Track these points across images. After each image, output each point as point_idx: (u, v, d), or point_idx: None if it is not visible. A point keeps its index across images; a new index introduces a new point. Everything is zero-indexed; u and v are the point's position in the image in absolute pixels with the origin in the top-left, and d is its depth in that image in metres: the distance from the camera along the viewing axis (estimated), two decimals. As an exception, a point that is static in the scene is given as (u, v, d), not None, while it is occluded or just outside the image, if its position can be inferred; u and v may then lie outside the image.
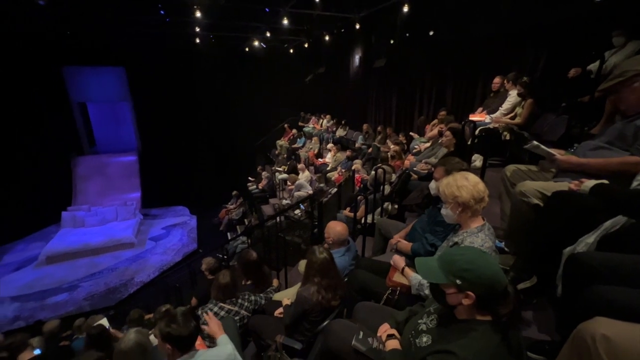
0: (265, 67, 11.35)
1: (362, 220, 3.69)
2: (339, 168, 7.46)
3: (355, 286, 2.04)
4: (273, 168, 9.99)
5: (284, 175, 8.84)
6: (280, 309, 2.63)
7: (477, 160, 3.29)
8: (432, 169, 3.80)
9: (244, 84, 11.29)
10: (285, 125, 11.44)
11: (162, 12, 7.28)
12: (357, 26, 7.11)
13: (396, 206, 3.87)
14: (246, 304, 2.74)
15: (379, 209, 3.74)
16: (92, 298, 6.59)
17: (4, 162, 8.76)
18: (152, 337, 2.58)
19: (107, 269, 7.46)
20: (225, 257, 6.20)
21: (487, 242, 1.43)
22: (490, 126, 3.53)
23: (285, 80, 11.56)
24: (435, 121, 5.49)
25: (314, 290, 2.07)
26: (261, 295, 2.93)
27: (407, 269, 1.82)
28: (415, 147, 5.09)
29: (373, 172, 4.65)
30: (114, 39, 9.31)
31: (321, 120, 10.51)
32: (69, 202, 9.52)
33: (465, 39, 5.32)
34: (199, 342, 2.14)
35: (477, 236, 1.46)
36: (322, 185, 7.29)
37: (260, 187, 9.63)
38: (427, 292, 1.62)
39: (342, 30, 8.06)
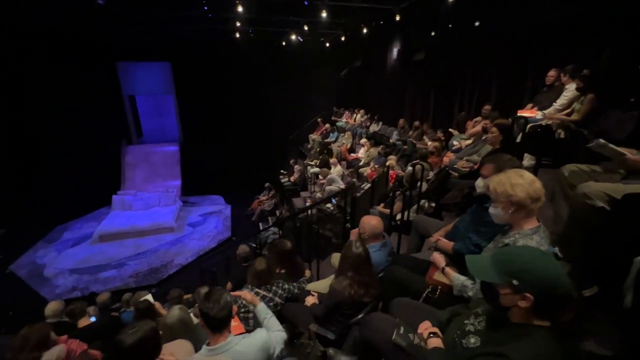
0: (301, 61, 11.42)
1: (397, 217, 3.63)
2: (371, 163, 7.35)
3: (391, 282, 2.01)
4: (305, 162, 10.09)
5: (316, 169, 8.90)
6: (311, 299, 2.68)
7: (526, 159, 3.07)
8: (474, 167, 3.64)
9: (280, 78, 11.46)
10: (319, 120, 11.48)
11: (205, 7, 7.57)
12: (397, 18, 6.90)
13: (433, 204, 3.74)
14: (280, 291, 2.81)
15: (415, 207, 3.64)
16: (136, 276, 7.14)
17: (65, 150, 9.73)
18: (191, 315, 2.77)
19: (150, 250, 8.04)
20: (257, 246, 6.41)
21: (543, 245, 1.34)
22: (543, 123, 3.27)
23: (319, 74, 11.58)
24: (478, 117, 5.22)
25: (346, 284, 2.08)
26: (294, 284, 2.99)
27: (448, 269, 1.76)
28: (455, 144, 4.87)
29: (410, 169, 4.54)
30: (162, 35, 9.86)
31: (355, 115, 10.40)
32: (118, 187, 10.35)
33: (515, 29, 4.95)
34: (235, 323, 2.25)
35: (532, 238, 1.37)
36: (354, 180, 7.24)
37: (292, 180, 9.78)
38: (470, 293, 1.56)
39: (381, 23, 7.86)
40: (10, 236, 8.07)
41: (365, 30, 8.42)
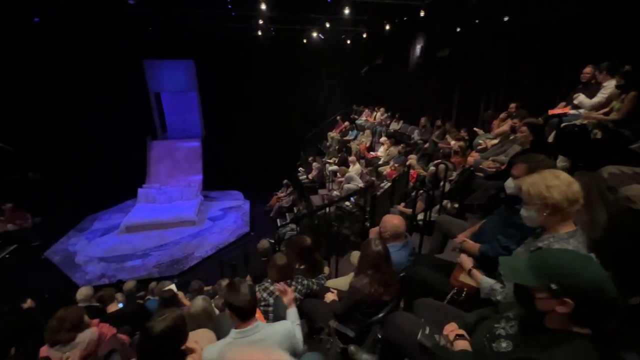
0: (321, 59, 11.41)
1: (419, 217, 3.57)
2: (391, 162, 7.25)
3: (414, 282, 1.99)
4: (323, 159, 10.10)
5: (334, 167, 8.88)
6: (331, 296, 2.69)
7: (559, 161, 2.93)
8: (501, 167, 3.51)
9: (300, 75, 11.51)
10: (338, 117, 11.44)
11: (229, 6, 7.70)
12: (422, 13, 6.74)
13: (456, 205, 3.65)
14: (299, 287, 2.83)
15: (437, 207, 3.56)
16: (160, 266, 7.42)
17: (95, 144, 10.23)
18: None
19: (172, 242, 8.33)
20: (275, 242, 6.49)
21: (580, 250, 1.28)
22: (577, 122, 3.10)
23: (340, 72, 11.52)
24: (503, 115, 5.03)
25: (366, 282, 2.06)
26: (313, 280, 3.00)
27: (475, 271, 1.71)
28: (480, 143, 4.71)
29: (433, 168, 4.44)
30: (187, 34, 10.13)
31: (375, 113, 10.29)
32: (143, 181, 10.78)
33: (548, 23, 4.72)
34: (257, 315, 2.30)
35: (568, 242, 1.31)
36: (373, 178, 7.17)
37: (310, 178, 9.82)
38: (499, 297, 1.51)
39: (405, 19, 7.71)
40: (45, 224, 8.59)
41: (387, 27, 8.28)
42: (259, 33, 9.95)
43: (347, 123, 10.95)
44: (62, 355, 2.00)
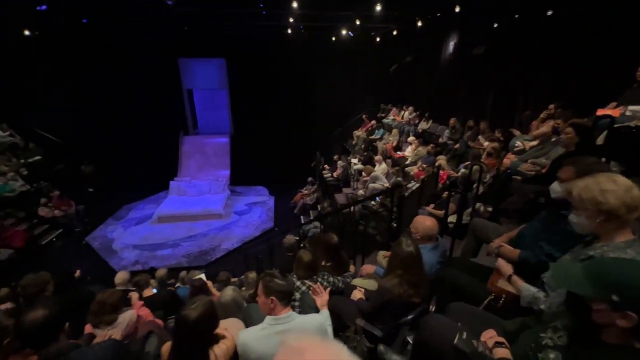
0: (349, 56, 11.32)
1: (449, 220, 3.46)
2: (419, 162, 7.09)
3: (447, 285, 1.93)
4: (349, 158, 10.05)
5: (360, 166, 8.82)
6: (358, 294, 2.68)
7: (611, 165, 2.71)
8: (542, 170, 3.32)
9: (327, 73, 11.50)
10: (364, 116, 11.32)
11: (261, 5, 7.83)
12: (457, 9, 6.49)
13: (490, 209, 3.49)
14: (325, 283, 2.84)
15: (469, 210, 3.43)
16: (188, 256, 7.74)
17: (132, 139, 10.85)
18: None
19: (200, 233, 8.66)
20: (299, 238, 6.56)
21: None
22: (631, 124, 2.86)
23: (367, 69, 11.38)
24: (543, 115, 4.74)
25: (395, 282, 2.04)
26: (339, 278, 3.00)
27: (515, 277, 1.63)
28: (518, 144, 4.47)
29: (464, 170, 4.29)
30: (219, 33, 10.44)
31: (403, 112, 10.08)
32: (175, 174, 11.28)
33: (597, 17, 4.38)
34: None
35: (625, 252, 1.21)
36: (399, 179, 7.04)
37: (334, 176, 9.82)
38: (542, 306, 1.43)
39: (438, 15, 7.47)
40: (87, 211, 9.24)
41: (419, 24, 8.06)
42: (289, 31, 10.04)
43: (373, 122, 10.81)
44: (106, 333, 2.15)
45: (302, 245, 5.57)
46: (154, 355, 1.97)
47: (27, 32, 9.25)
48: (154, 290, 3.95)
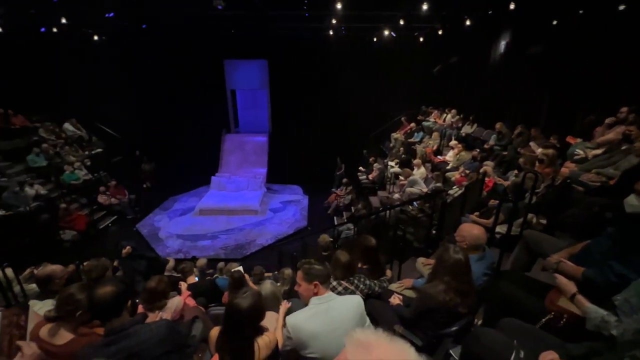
0: (390, 57, 11.11)
1: (496, 230, 3.25)
2: (461, 168, 6.76)
3: (498, 298, 1.81)
4: (385, 160, 9.86)
5: (397, 169, 8.61)
6: (396, 300, 2.61)
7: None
8: (609, 181, 3.00)
9: (367, 74, 11.38)
10: (403, 118, 11.04)
11: (305, 7, 7.97)
12: (512, 6, 6.09)
13: (543, 220, 3.22)
14: (361, 286, 2.81)
15: (520, 220, 3.19)
16: (226, 249, 8.10)
17: (179, 135, 11.60)
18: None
19: (237, 228, 9.01)
20: (333, 239, 6.56)
21: None
22: None
23: (409, 71, 11.07)
24: (610, 120, 4.30)
25: (441, 289, 1.95)
26: (375, 282, 2.96)
27: (579, 297, 1.49)
28: (578, 152, 4.09)
29: (516, 178, 4.01)
30: (263, 35, 10.80)
31: (445, 115, 9.68)
32: (216, 170, 11.86)
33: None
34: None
35: None
36: (439, 184, 6.77)
37: (370, 178, 9.69)
38: (614, 332, 1.29)
39: (489, 13, 7.07)
40: (138, 201, 10.05)
41: (468, 22, 7.68)
42: (330, 33, 10.10)
43: (412, 124, 10.51)
44: (157, 314, 2.31)
45: (336, 246, 5.56)
46: (199, 339, 2.09)
47: (95, 37, 10.32)
48: (196, 279, 4.18)
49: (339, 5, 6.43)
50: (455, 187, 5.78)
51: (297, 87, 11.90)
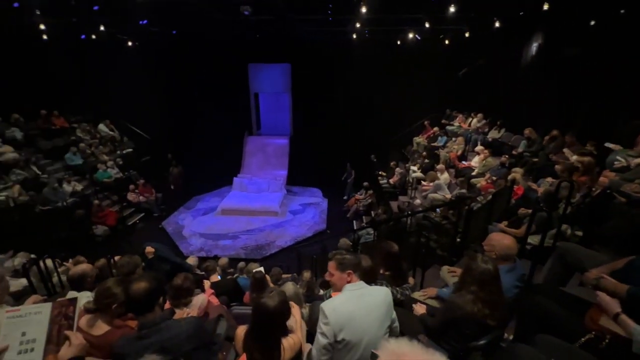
0: (414, 60, 10.95)
1: (529, 241, 3.11)
2: (487, 174, 6.53)
3: (532, 313, 1.73)
4: (407, 165, 9.70)
5: (419, 174, 8.45)
6: (420, 309, 2.55)
7: None
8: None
9: (390, 77, 11.27)
10: (426, 122, 10.83)
11: (329, 11, 8.02)
12: (545, 7, 5.84)
13: (579, 232, 3.05)
14: (383, 292, 2.76)
15: (554, 231, 3.03)
16: (246, 249, 8.24)
17: (204, 137, 11.96)
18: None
19: (257, 228, 9.15)
20: (352, 243, 6.52)
21: None
22: None
23: (433, 74, 10.85)
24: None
25: (469, 299, 1.88)
26: (397, 289, 2.91)
27: (624, 317, 1.39)
28: (619, 160, 3.83)
29: (549, 186, 3.82)
30: (287, 39, 10.97)
31: (470, 119, 9.40)
32: (238, 171, 12.13)
33: None
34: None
35: None
36: (463, 190, 6.57)
37: (391, 183, 9.56)
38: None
39: (521, 14, 6.81)
40: (164, 199, 10.45)
41: (497, 24, 7.43)
42: (354, 36, 10.10)
43: (436, 128, 10.28)
44: (183, 311, 2.39)
45: (355, 250, 5.52)
46: (223, 337, 2.14)
47: (129, 43, 10.89)
48: (219, 277, 4.28)
49: (363, 9, 6.42)
50: (482, 194, 5.58)
51: (318, 90, 11.98)
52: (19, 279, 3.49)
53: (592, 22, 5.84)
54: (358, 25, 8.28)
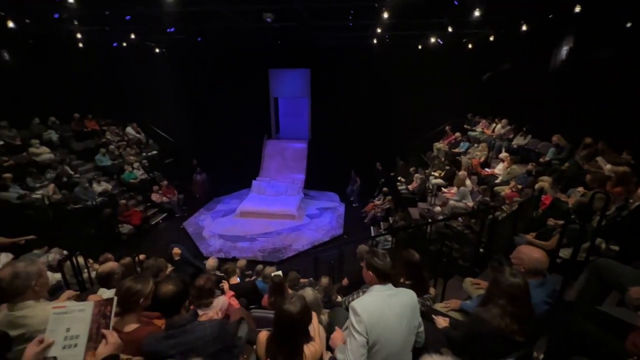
0: (435, 64, 10.76)
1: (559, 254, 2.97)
2: (512, 182, 6.30)
3: (565, 332, 1.64)
4: (427, 171, 9.52)
5: (439, 181, 8.27)
6: (442, 322, 2.48)
7: None
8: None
9: (410, 82, 11.13)
10: (447, 127, 10.60)
11: (350, 17, 8.05)
12: (577, 9, 5.61)
13: (616, 247, 2.88)
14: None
15: (587, 245, 2.88)
16: (263, 251, 8.32)
17: (225, 140, 12.25)
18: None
19: (275, 231, 9.23)
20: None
21: None
22: None
23: (454, 79, 10.63)
24: None
25: (496, 313, 1.80)
26: (418, 299, 2.84)
27: (672, 342, 1.29)
28: (660, 171, 3.60)
29: (581, 197, 3.64)
30: (307, 45, 11.10)
31: (494, 125, 9.13)
32: (257, 174, 12.31)
33: None
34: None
35: None
36: (486, 198, 6.37)
37: (410, 189, 9.40)
38: None
39: (550, 16, 6.57)
40: (185, 201, 10.77)
41: (525, 27, 7.20)
42: (374, 41, 10.08)
43: (457, 134, 10.05)
44: (205, 313, 2.44)
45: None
46: (245, 340, 2.16)
47: (157, 50, 11.37)
48: (238, 279, 4.34)
49: (385, 15, 6.40)
50: (506, 203, 5.39)
51: (338, 95, 12.00)
52: (54, 274, 3.68)
53: (628, 25, 5.55)
54: (379, 30, 8.24)
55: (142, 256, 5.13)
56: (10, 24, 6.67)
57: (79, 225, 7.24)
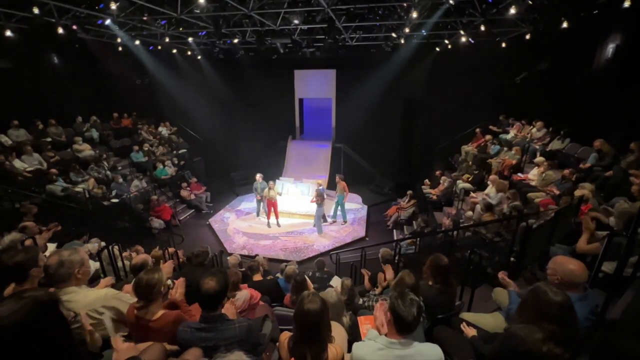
0: (465, 64, 10.38)
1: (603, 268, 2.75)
2: (549, 187, 5.95)
3: (611, 354, 1.52)
4: (454, 175, 9.21)
5: (467, 185, 7.97)
6: (470, 332, 2.39)
7: None
8: None
9: (438, 83, 10.84)
10: (477, 130, 10.18)
11: (377, 17, 7.96)
12: (626, 4, 5.20)
13: (668, 263, 2.62)
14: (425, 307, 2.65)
15: (634, 259, 2.65)
16: (285, 250, 8.42)
17: (251, 139, 12.53)
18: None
19: (297, 231, 9.31)
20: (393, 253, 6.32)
21: None
22: None
23: (486, 79, 10.20)
24: None
25: (538, 338, 1.60)
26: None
27: None
28: None
29: (627, 207, 3.36)
30: (334, 45, 11.08)
31: (528, 128, 8.65)
32: (281, 173, 12.48)
33: None
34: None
35: None
36: (517, 203, 6.05)
37: (435, 193, 9.14)
38: None
39: (595, 12, 6.13)
40: (212, 199, 11.12)
41: (565, 25, 6.77)
42: (402, 41, 9.90)
43: (488, 137, 9.62)
44: (232, 303, 2.50)
45: (395, 260, 5.34)
46: (268, 338, 2.19)
47: (189, 53, 11.83)
48: (261, 277, 4.41)
49: (414, 14, 6.26)
50: (541, 210, 5.09)
51: (363, 96, 11.91)
52: (94, 263, 3.93)
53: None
54: (407, 30, 8.08)
55: (171, 249, 5.37)
56: (60, 30, 7.19)
57: (113, 218, 7.70)
